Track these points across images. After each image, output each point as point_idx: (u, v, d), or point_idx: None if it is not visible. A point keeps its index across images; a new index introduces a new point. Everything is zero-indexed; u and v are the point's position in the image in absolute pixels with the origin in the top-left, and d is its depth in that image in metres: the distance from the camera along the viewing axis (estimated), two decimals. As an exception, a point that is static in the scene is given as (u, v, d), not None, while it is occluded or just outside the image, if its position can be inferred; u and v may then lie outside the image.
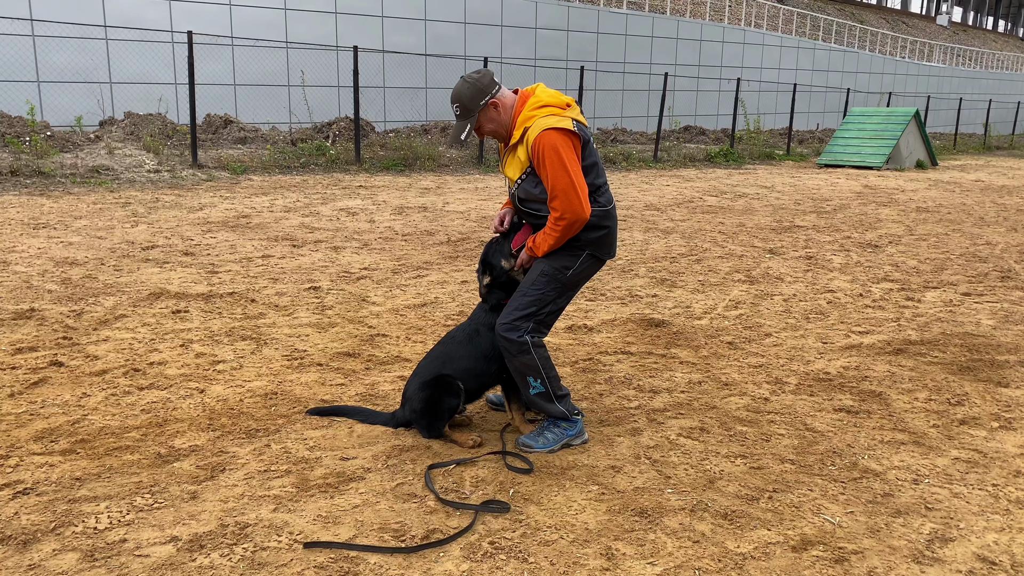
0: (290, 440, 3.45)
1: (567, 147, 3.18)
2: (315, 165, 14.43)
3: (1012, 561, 2.65)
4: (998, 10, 73.80)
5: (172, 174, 12.38)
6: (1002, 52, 56.22)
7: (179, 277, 6.31)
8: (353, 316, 5.42)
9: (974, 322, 5.73)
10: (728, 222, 10.22)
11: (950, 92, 39.86)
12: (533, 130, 3.18)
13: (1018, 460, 3.46)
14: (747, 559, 2.62)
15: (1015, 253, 8.59)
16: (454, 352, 3.56)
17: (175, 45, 15.87)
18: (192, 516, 2.79)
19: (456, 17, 21.24)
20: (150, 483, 3.01)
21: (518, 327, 3.36)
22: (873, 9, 52.46)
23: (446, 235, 8.59)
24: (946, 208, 12.41)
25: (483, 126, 3.36)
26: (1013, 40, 70.07)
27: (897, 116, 20.58)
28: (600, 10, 24.88)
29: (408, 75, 20.05)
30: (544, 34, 23.17)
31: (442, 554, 2.61)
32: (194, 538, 2.65)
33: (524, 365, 3.38)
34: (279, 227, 8.68)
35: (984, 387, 4.38)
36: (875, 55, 38.11)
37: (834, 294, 6.49)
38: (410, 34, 20.28)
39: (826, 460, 3.41)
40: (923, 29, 53.07)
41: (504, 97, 3.32)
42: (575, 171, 3.18)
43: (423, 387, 3.46)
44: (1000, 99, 38.36)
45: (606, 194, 3.40)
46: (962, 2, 66.87)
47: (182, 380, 4.13)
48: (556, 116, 3.22)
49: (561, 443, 3.44)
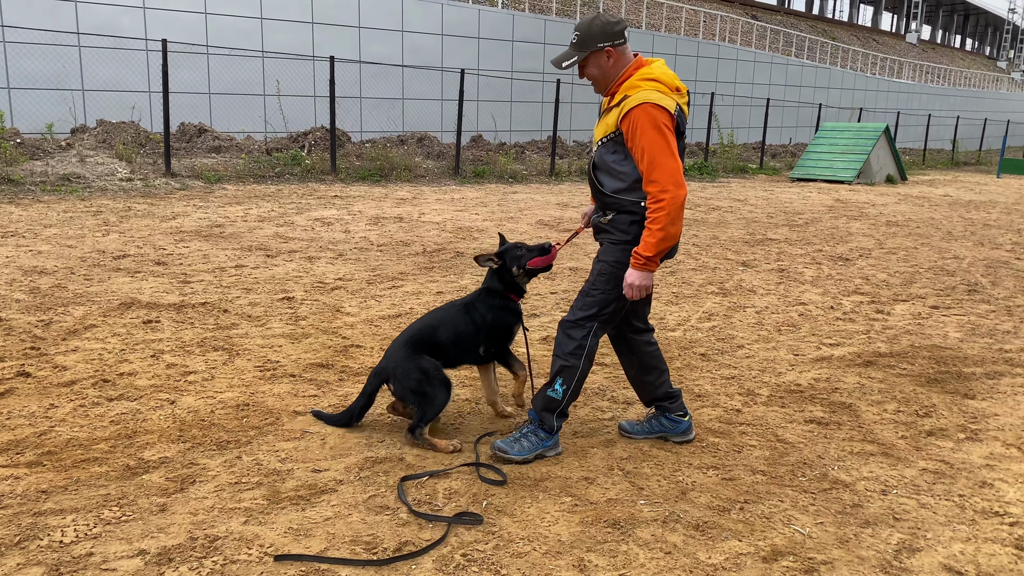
0: (262, 452, 3.42)
1: (667, 124, 3.08)
2: (290, 175, 14.36)
3: (977, 571, 2.69)
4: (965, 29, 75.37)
5: (145, 183, 12.26)
6: (969, 70, 57.39)
7: (151, 287, 6.25)
8: (327, 327, 5.39)
9: (942, 335, 5.83)
10: (702, 235, 10.31)
11: (919, 108, 40.56)
12: (632, 99, 3.10)
13: (984, 471, 3.51)
14: (718, 570, 2.63)
15: (982, 267, 8.74)
16: (442, 318, 3.74)
17: (149, 53, 15.74)
18: (161, 529, 2.76)
19: (433, 29, 21.28)
20: (118, 496, 2.97)
21: (583, 325, 3.35)
22: (845, 26, 53.33)
23: (422, 246, 8.58)
24: (915, 222, 12.61)
25: (588, 66, 3.27)
26: (980, 58, 71.55)
27: (868, 131, 20.90)
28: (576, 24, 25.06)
29: (385, 86, 20.04)
30: (521, 47, 23.28)
31: (414, 566, 2.60)
32: (162, 551, 2.62)
33: (565, 365, 3.37)
34: (253, 237, 8.62)
35: (951, 399, 4.45)
36: (846, 71, 38.74)
37: (805, 306, 6.57)
38: (387, 45, 20.29)
39: (797, 471, 3.44)
40: (893, 46, 54.02)
41: (623, 52, 3.23)
42: (673, 149, 3.08)
43: (416, 363, 3.55)
44: (967, 116, 39.07)
45: None
46: (931, 20, 68.19)
47: (152, 391, 4.08)
48: (661, 94, 3.12)
49: (535, 453, 3.43)
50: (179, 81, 15.21)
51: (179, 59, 14.92)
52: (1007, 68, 71.56)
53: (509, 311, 3.76)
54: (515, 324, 3.78)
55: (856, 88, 38.52)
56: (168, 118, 13.11)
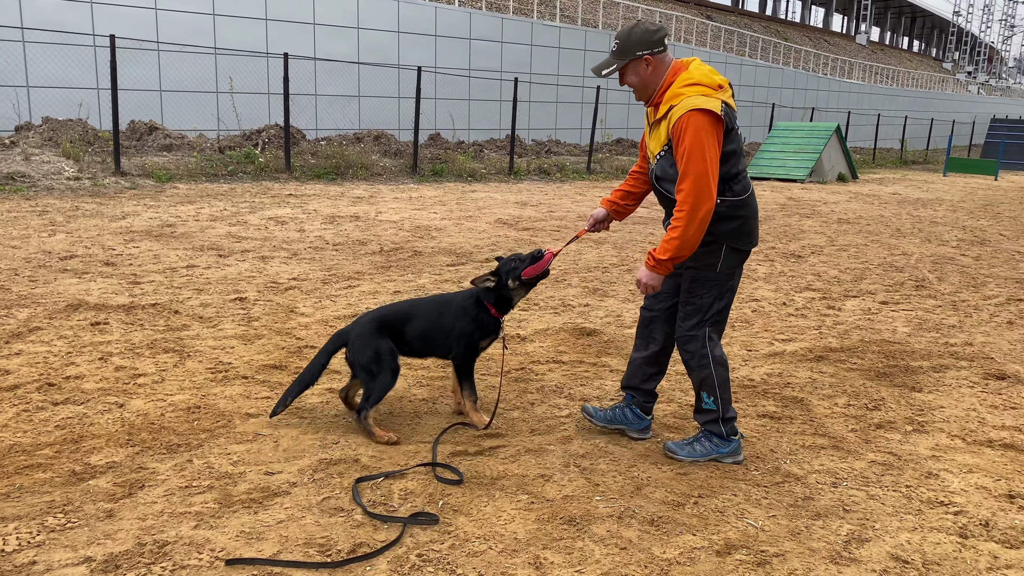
0: (213, 455, 3.36)
1: (710, 131, 3.07)
2: (243, 173, 14.15)
3: (923, 560, 2.75)
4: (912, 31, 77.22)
5: (93, 182, 11.97)
6: (917, 71, 58.82)
7: (99, 288, 6.10)
8: (281, 327, 5.32)
9: (891, 329, 5.96)
10: (658, 233, 10.40)
11: (869, 108, 41.45)
12: (679, 108, 3.10)
13: (930, 462, 3.60)
14: (672, 565, 2.65)
15: (929, 263, 8.96)
16: (422, 310, 3.79)
17: (97, 49, 15.38)
18: (108, 535, 2.69)
19: (390, 26, 21.14)
20: (63, 502, 2.89)
21: (693, 336, 3.40)
22: (797, 27, 54.26)
23: (379, 245, 8.51)
24: (865, 220, 12.88)
25: (627, 74, 3.28)
26: (927, 60, 73.37)
27: (820, 131, 21.29)
28: (534, 23, 25.11)
29: (340, 83, 19.85)
30: (479, 45, 23.25)
31: (369, 568, 2.57)
32: (109, 558, 2.55)
33: (702, 380, 3.42)
34: (205, 236, 8.48)
35: (899, 392, 4.55)
36: (799, 71, 39.41)
37: (759, 303, 6.67)
38: (343, 42, 20.10)
39: (750, 465, 3.49)
40: (844, 47, 55.12)
41: (662, 59, 3.23)
42: (712, 157, 3.07)
43: (375, 341, 3.62)
44: (915, 116, 40.04)
45: (742, 182, 3.31)
46: (880, 22, 69.72)
47: (100, 394, 3.99)
48: (705, 96, 3.10)
49: (709, 458, 3.47)
50: (128, 78, 14.89)
51: (128, 55, 14.60)
52: (952, 69, 73.50)
53: (478, 324, 3.76)
54: (480, 339, 3.78)
55: (808, 88, 39.22)
56: (117, 116, 12.82)
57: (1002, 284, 7.86)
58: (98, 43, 15.32)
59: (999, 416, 4.22)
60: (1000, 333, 5.96)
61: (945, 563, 2.74)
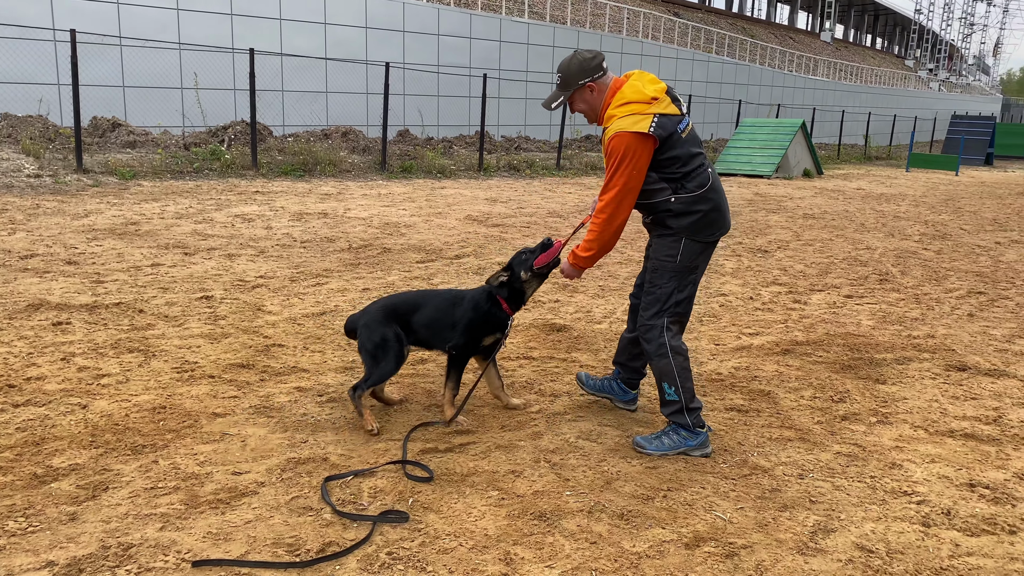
0: (179, 455, 3.31)
1: (635, 151, 3.28)
2: (209, 170, 13.97)
3: (888, 548, 2.80)
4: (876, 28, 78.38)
5: (55, 179, 11.74)
6: (880, 68, 59.72)
7: (61, 287, 5.99)
8: (248, 326, 5.26)
9: (855, 323, 6.04)
10: (628, 229, 10.41)
11: (834, 105, 41.99)
12: (609, 130, 3.35)
13: (893, 452, 3.66)
14: (642, 558, 2.67)
15: (892, 257, 9.11)
16: (432, 301, 3.85)
17: (57, 44, 15.08)
18: (71, 539, 2.64)
19: (357, 21, 20.98)
20: (24, 506, 2.84)
21: (652, 325, 3.52)
22: (763, 24, 54.80)
23: (347, 242, 8.46)
24: (830, 215, 13.06)
25: (575, 103, 3.51)
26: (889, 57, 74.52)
27: (785, 127, 21.53)
28: (503, 19, 25.07)
29: (308, 79, 19.67)
30: (447, 40, 23.16)
31: (338, 567, 2.56)
32: (72, 562, 2.51)
33: (661, 371, 3.51)
34: (170, 234, 8.36)
35: (864, 384, 4.62)
36: (765, 68, 39.82)
37: (726, 297, 6.73)
38: (310, 37, 19.91)
39: (718, 458, 3.52)
40: (809, 45, 55.78)
41: (603, 83, 3.44)
42: (634, 175, 3.32)
43: (382, 328, 3.73)
44: (878, 112, 40.65)
45: (697, 179, 3.43)
46: (844, 20, 70.65)
47: (63, 396, 3.91)
48: (635, 116, 3.29)
49: (678, 451, 3.52)
50: (90, 74, 14.61)
51: (90, 50, 14.33)
52: (914, 67, 74.72)
53: (489, 318, 3.78)
54: (485, 334, 3.80)
55: (774, 85, 39.64)
56: (79, 112, 12.58)
57: (963, 277, 8.01)
58: (59, 38, 15.01)
59: (960, 407, 4.30)
60: (961, 325, 6.08)
61: (908, 552, 2.79)
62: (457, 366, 3.80)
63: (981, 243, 10.51)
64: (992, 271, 8.42)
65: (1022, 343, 5.63)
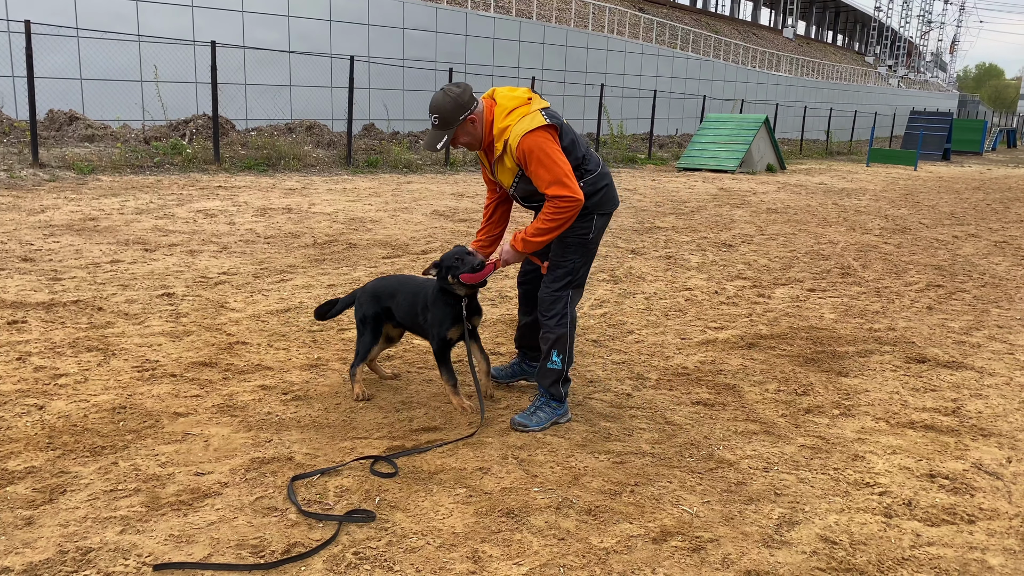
0: (140, 456, 3.25)
1: (548, 142, 3.42)
2: (170, 165, 13.73)
3: (851, 540, 2.84)
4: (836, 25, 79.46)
5: (9, 174, 11.45)
6: (841, 64, 60.57)
7: (16, 285, 5.84)
8: (210, 324, 5.18)
9: (818, 316, 6.12)
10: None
11: (796, 100, 42.54)
12: (513, 139, 3.43)
13: (856, 444, 3.71)
14: (610, 553, 2.68)
15: (853, 251, 9.25)
16: (406, 289, 4.02)
17: (11, 35, 14.69)
18: (27, 544, 2.58)
19: (321, 15, 20.76)
20: (-22, 511, 2.76)
21: (559, 296, 3.70)
22: (726, 20, 55.25)
23: (312, 237, 8.37)
24: (793, 209, 13.22)
25: (459, 138, 3.57)
26: (850, 54, 75.64)
27: (749, 123, 21.74)
28: (468, 12, 24.97)
29: (271, 72, 19.42)
30: (412, 34, 23.01)
31: (304, 568, 2.53)
32: (29, 567, 2.45)
33: (557, 339, 3.70)
34: (130, 230, 8.20)
35: (827, 377, 4.68)
36: (728, 64, 40.16)
37: (692, 292, 6.78)
38: (273, 30, 19.65)
39: (684, 452, 3.54)
40: (771, 41, 56.38)
41: (479, 111, 3.52)
42: (560, 159, 3.44)
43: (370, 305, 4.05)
44: (839, 108, 41.21)
45: (591, 162, 3.66)
46: (805, 16, 71.52)
47: (18, 396, 3.82)
48: (526, 117, 3.44)
49: (551, 422, 3.74)
50: (46, 66, 14.27)
51: (46, 42, 14.00)
52: (874, 63, 75.92)
53: (446, 308, 3.81)
54: (449, 325, 3.82)
55: (738, 80, 40.02)
56: (34, 105, 12.28)
57: (922, 271, 8.16)
58: (12, 28, 14.64)
59: (920, 399, 4.38)
60: (920, 318, 6.19)
61: (871, 542, 2.83)
62: (438, 357, 3.90)
63: (939, 237, 10.72)
64: (950, 264, 8.59)
65: (979, 335, 5.75)
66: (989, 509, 3.12)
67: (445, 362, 3.89)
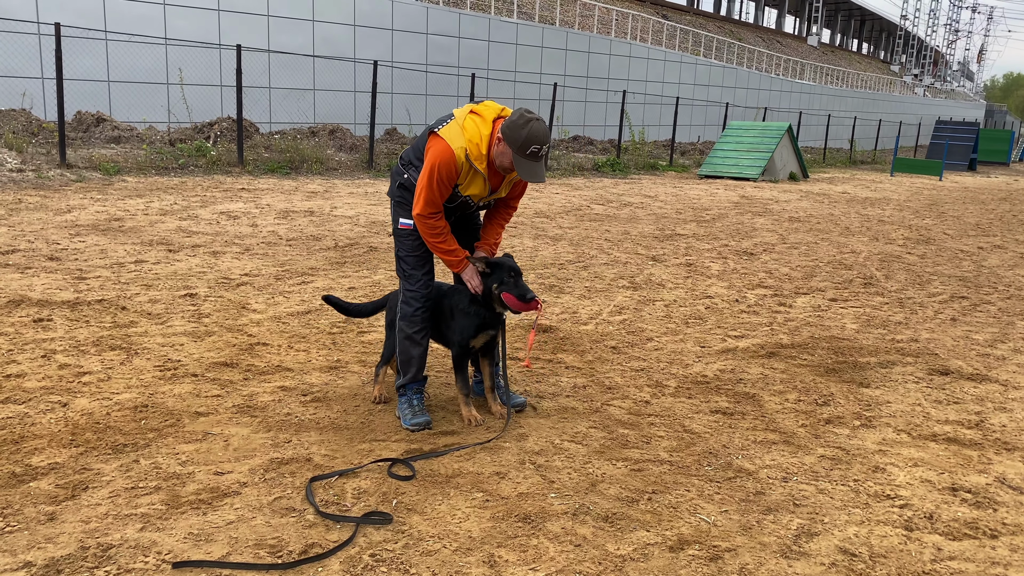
0: (161, 455, 3.28)
1: None
2: (195, 167, 13.87)
3: (871, 552, 2.81)
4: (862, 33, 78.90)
5: (37, 174, 11.62)
6: (865, 73, 60.12)
7: (42, 283, 5.92)
8: (232, 324, 5.22)
9: (840, 326, 6.07)
10: (614, 230, 10.46)
11: (820, 109, 42.21)
12: None
13: (877, 456, 3.68)
14: (626, 561, 2.67)
15: (876, 261, 9.16)
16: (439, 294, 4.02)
17: (42, 37, 14.91)
18: (49, 539, 2.61)
19: (345, 19, 20.90)
20: (2, 505, 2.80)
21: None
22: (750, 28, 55.03)
23: (333, 240, 8.42)
24: (816, 218, 13.12)
25: None
26: (875, 62, 75.05)
27: (772, 130, 21.62)
28: (491, 18, 25.05)
29: (295, 76, 19.57)
30: (435, 40, 23.11)
31: (320, 569, 2.54)
32: (50, 563, 2.48)
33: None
34: (154, 231, 8.29)
35: (848, 388, 4.64)
36: (752, 71, 39.97)
37: (712, 300, 6.74)
38: (297, 34, 19.81)
39: (703, 460, 3.52)
40: (796, 48, 56.06)
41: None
42: None
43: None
44: (864, 116, 40.86)
45: None
46: (830, 24, 71.07)
47: (43, 393, 3.87)
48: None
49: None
50: (75, 68, 14.47)
51: (75, 44, 14.19)
52: (899, 72, 75.27)
53: (470, 317, 3.77)
54: (473, 333, 3.78)
55: (761, 88, 39.80)
56: (63, 106, 12.45)
57: (946, 282, 8.07)
58: (43, 31, 14.86)
59: (943, 411, 4.33)
60: (944, 330, 6.12)
61: (891, 555, 2.80)
62: (456, 364, 3.86)
63: (964, 248, 10.59)
64: (975, 276, 8.49)
65: (1004, 348, 5.67)
66: (1012, 524, 3.08)
67: (462, 370, 3.85)
